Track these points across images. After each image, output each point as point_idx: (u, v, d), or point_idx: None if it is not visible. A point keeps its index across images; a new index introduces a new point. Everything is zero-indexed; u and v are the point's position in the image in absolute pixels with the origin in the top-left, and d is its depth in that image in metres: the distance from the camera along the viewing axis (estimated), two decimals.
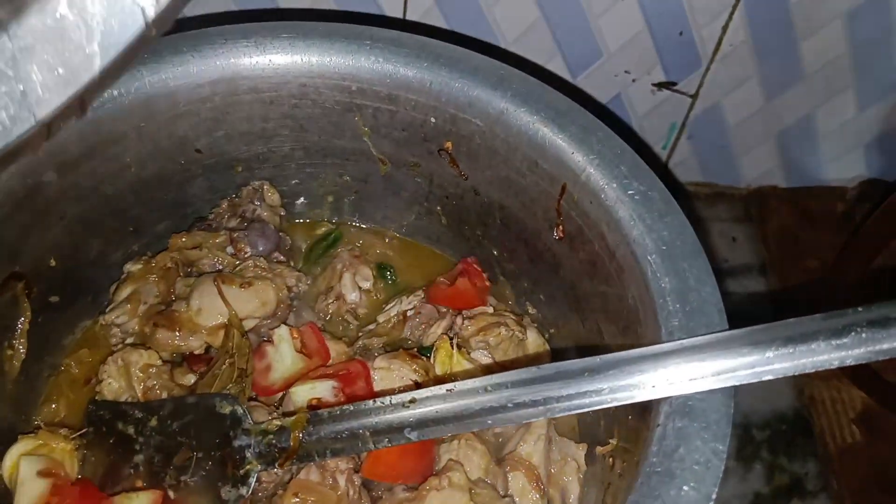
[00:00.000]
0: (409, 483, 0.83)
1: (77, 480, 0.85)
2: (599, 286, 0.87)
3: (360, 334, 1.00)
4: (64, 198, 0.88)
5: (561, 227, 0.91)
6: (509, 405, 0.71)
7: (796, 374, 0.64)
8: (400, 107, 0.95)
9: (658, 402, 0.69)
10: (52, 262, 0.91)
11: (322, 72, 0.93)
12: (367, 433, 0.75)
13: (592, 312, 0.90)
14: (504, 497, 0.83)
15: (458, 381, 0.73)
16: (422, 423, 0.73)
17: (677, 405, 0.67)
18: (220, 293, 0.88)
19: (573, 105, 0.89)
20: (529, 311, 1.04)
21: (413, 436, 0.74)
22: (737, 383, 0.66)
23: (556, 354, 0.99)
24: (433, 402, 0.74)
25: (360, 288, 1.04)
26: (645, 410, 0.72)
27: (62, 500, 0.82)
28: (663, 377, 0.66)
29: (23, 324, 0.88)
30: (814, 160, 1.49)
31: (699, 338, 0.69)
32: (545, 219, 0.93)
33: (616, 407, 0.74)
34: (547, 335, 1.01)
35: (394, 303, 1.02)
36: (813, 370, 0.64)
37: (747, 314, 0.71)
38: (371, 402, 0.76)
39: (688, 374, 0.66)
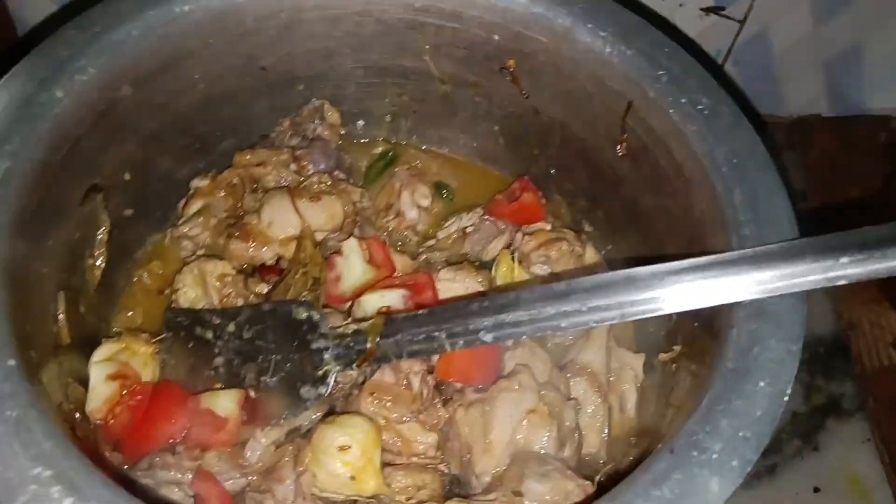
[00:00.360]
0: (479, 384, 0.86)
1: (158, 382, 0.89)
2: (664, 201, 0.89)
3: (421, 249, 1.03)
4: (138, 113, 0.90)
5: (624, 144, 0.92)
6: (583, 309, 0.73)
7: (869, 279, 0.66)
8: (463, 24, 0.96)
9: (732, 306, 0.71)
10: (127, 177, 0.93)
11: None
12: (444, 335, 0.78)
13: (654, 227, 0.93)
14: (569, 400, 0.87)
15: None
16: (497, 326, 0.76)
17: (752, 309, 0.70)
18: (294, 206, 0.91)
19: (640, 21, 0.89)
20: (586, 229, 1.06)
21: (488, 338, 0.76)
22: (810, 287, 0.68)
23: (614, 268, 1.01)
24: (509, 307, 0.76)
25: (418, 206, 1.07)
26: (714, 316, 0.75)
27: (133, 399, 0.86)
28: (742, 282, 0.68)
29: (102, 234, 0.91)
30: (859, 89, 1.49)
31: (773, 245, 0.71)
32: (608, 136, 0.94)
33: (682, 315, 0.77)
34: (603, 252, 1.03)
35: (453, 220, 1.04)
36: (887, 275, 0.66)
37: None
38: (449, 305, 0.79)
39: (762, 279, 0.68)
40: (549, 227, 1.02)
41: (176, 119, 0.95)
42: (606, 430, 0.91)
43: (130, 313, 0.99)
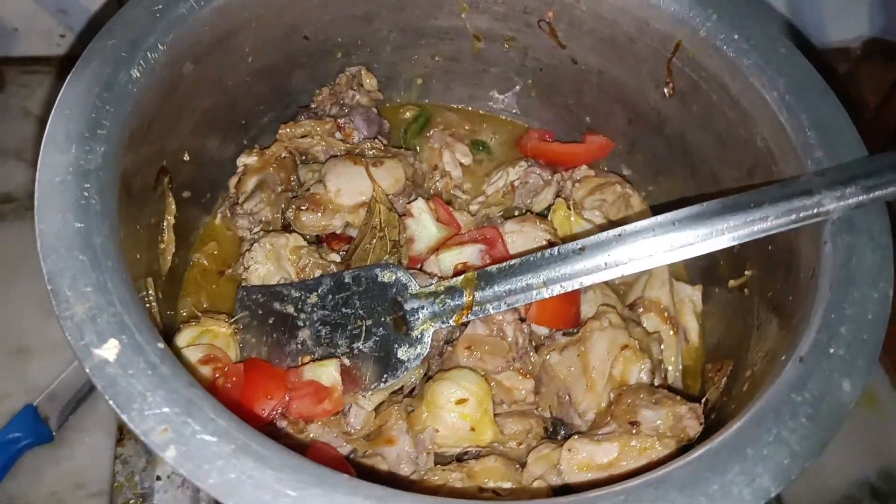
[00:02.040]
0: (566, 328, 0.89)
1: (247, 361, 0.88)
2: (717, 135, 0.93)
3: (475, 206, 1.05)
4: (196, 91, 0.88)
5: (671, 85, 0.96)
6: (676, 246, 0.76)
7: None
8: None
9: (819, 224, 0.76)
10: (186, 157, 0.91)
11: None
12: (541, 282, 0.80)
13: (705, 162, 0.97)
14: (652, 333, 0.91)
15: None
16: (596, 269, 0.78)
17: (841, 224, 0.75)
18: (367, 171, 0.91)
19: None
20: (625, 173, 1.09)
21: (587, 280, 0.79)
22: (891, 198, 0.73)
23: (657, 210, 1.05)
24: (604, 248, 0.78)
25: (460, 164, 1.08)
26: (794, 236, 0.80)
27: (227, 381, 0.85)
28: (835, 196, 0.72)
29: (170, 217, 0.89)
30: (817, 20, 1.55)
31: (854, 160, 0.76)
32: (652, 78, 0.97)
33: (749, 242, 0.82)
34: (644, 193, 1.07)
35: (499, 174, 1.06)
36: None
37: None
38: (539, 254, 0.81)
39: (853, 191, 0.73)
40: (593, 172, 1.05)
41: (225, 95, 0.94)
42: (680, 361, 0.95)
43: (190, 299, 0.98)
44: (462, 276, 0.84)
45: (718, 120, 0.92)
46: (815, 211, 0.73)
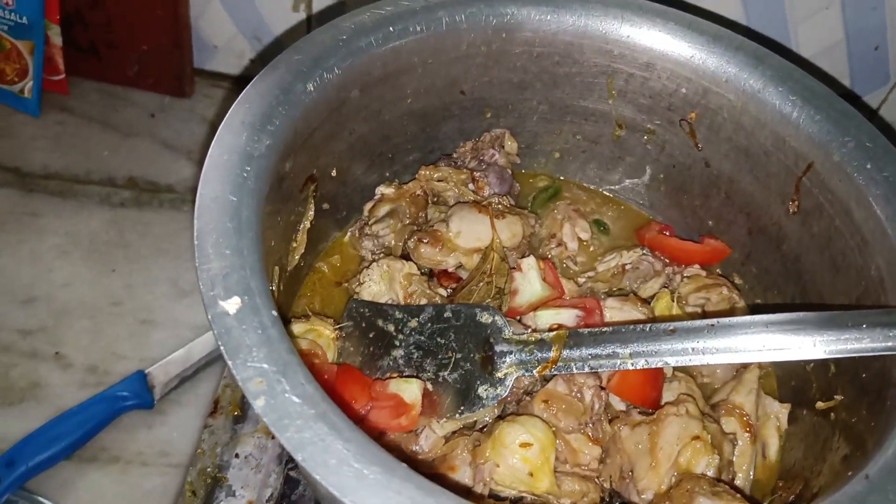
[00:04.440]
0: (644, 407, 0.91)
1: (341, 364, 0.95)
2: (833, 259, 0.94)
3: (583, 279, 1.09)
4: (357, 116, 0.98)
5: (797, 203, 0.98)
6: (767, 347, 0.78)
7: None
8: (654, 75, 1.04)
9: None
10: (334, 173, 1.01)
11: (591, 34, 1.02)
12: (627, 353, 0.83)
13: (817, 284, 0.98)
14: (728, 434, 0.91)
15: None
16: (682, 351, 0.81)
17: None
18: (491, 221, 0.98)
19: (829, 91, 0.96)
20: (736, 281, 1.11)
21: (672, 360, 0.82)
22: None
23: None
24: (695, 334, 0.81)
25: (579, 238, 1.13)
26: (889, 367, 0.80)
27: (320, 377, 0.91)
28: None
29: (307, 222, 0.98)
30: None
31: None
32: (779, 194, 1.00)
33: (844, 365, 0.82)
34: (751, 305, 1.09)
35: (613, 255, 1.11)
36: None
37: None
38: (631, 327, 0.85)
39: None
40: (704, 273, 1.08)
41: (382, 127, 1.04)
42: (753, 472, 0.95)
43: (305, 300, 1.06)
44: (555, 332, 0.89)
45: (836, 244, 0.93)
46: None
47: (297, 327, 0.94)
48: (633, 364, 0.83)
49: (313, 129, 0.90)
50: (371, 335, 0.97)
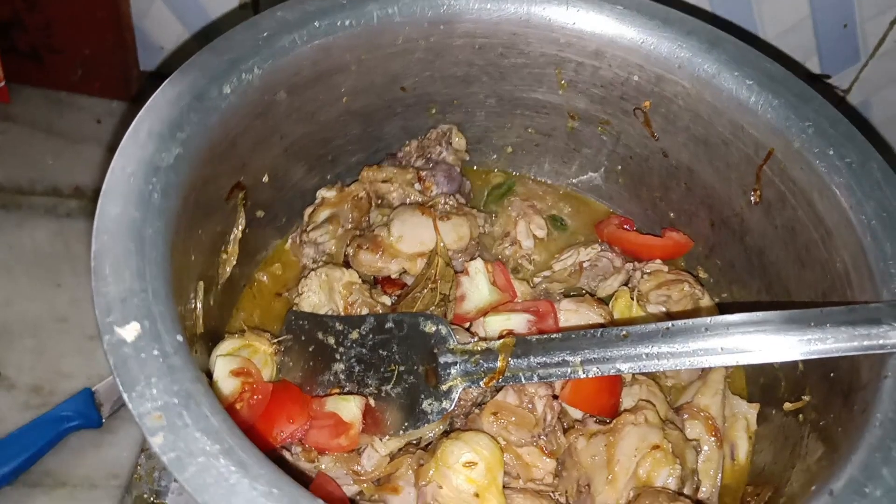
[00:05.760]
0: (602, 416, 0.86)
1: (278, 382, 0.90)
2: (797, 252, 0.89)
3: (538, 279, 1.04)
4: (288, 119, 0.93)
5: (758, 193, 0.93)
6: (728, 347, 0.73)
7: None
8: (604, 63, 0.98)
9: (884, 356, 0.71)
10: (265, 179, 0.95)
11: (535, 22, 0.97)
12: (578, 361, 0.78)
13: (782, 279, 0.92)
14: (690, 441, 0.86)
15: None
16: (636, 357, 0.76)
17: None
18: (434, 223, 0.93)
19: (787, 73, 0.91)
20: (700, 276, 1.06)
21: (625, 367, 0.76)
22: None
23: None
24: (649, 339, 0.76)
25: (534, 236, 1.08)
26: (859, 367, 0.75)
27: (253, 397, 0.86)
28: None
29: (237, 232, 0.93)
30: None
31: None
32: (740, 184, 0.95)
33: (811, 365, 0.77)
34: (717, 299, 1.03)
35: (570, 253, 1.05)
36: None
37: None
38: (582, 332, 0.79)
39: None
40: (666, 268, 1.02)
41: (318, 129, 0.98)
42: (720, 476, 0.89)
43: (244, 314, 1.00)
44: (501, 341, 0.83)
45: (801, 236, 0.88)
46: (880, 342, 0.69)
47: (229, 344, 0.89)
48: (584, 372, 0.78)
49: (235, 136, 0.84)
50: (311, 349, 0.91)
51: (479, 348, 0.83)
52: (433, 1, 0.94)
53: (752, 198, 0.94)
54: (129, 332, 0.62)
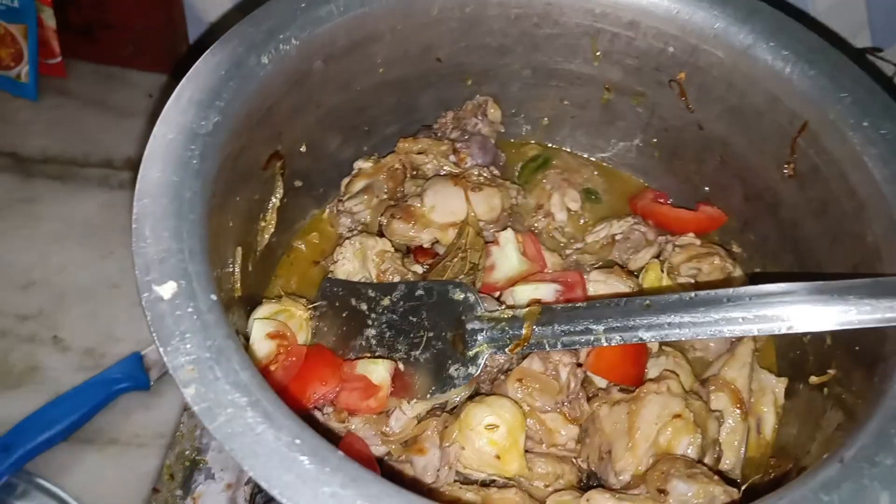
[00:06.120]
0: (625, 384, 0.87)
1: (311, 345, 0.93)
2: (829, 224, 0.88)
3: (570, 251, 1.04)
4: (324, 89, 0.95)
5: (792, 166, 0.92)
6: (749, 317, 0.73)
7: None
8: (639, 34, 0.98)
9: None
10: (303, 149, 0.98)
11: None
12: (601, 329, 0.79)
13: (814, 252, 0.92)
14: (713, 412, 0.86)
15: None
16: (657, 326, 0.76)
17: None
18: (465, 194, 0.94)
19: (824, 43, 0.90)
20: (734, 250, 1.05)
21: (647, 336, 0.77)
22: None
23: None
24: (672, 308, 0.76)
25: (568, 208, 1.09)
26: (881, 340, 0.74)
27: (287, 359, 0.89)
28: None
29: (275, 200, 0.96)
30: None
31: None
32: (774, 157, 0.94)
33: (839, 339, 0.76)
34: (751, 273, 1.03)
35: (603, 226, 1.06)
36: None
37: None
38: (606, 301, 0.80)
39: None
40: (698, 241, 1.02)
41: (353, 99, 1.00)
42: (744, 449, 0.90)
43: (282, 281, 1.04)
44: (527, 309, 0.85)
45: (833, 209, 0.87)
46: None
47: (266, 308, 0.92)
48: (607, 340, 0.79)
49: (271, 104, 0.86)
50: (344, 314, 0.94)
51: (505, 316, 0.85)
52: None
53: (785, 170, 0.93)
54: (167, 290, 0.65)
